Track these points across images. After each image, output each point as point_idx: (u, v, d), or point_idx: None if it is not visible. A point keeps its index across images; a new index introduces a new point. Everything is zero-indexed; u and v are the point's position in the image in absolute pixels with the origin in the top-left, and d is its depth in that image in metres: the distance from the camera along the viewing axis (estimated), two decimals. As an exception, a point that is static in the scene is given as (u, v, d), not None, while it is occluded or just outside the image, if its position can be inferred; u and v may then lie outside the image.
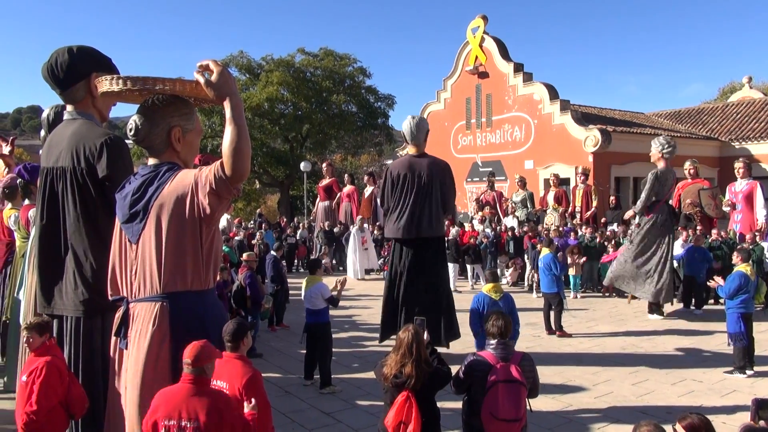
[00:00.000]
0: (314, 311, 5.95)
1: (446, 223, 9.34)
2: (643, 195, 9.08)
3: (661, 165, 9.15)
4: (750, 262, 6.56)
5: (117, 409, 2.80)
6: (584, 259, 10.96)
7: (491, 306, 5.70)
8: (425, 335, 3.59)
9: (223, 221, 13.18)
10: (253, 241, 12.27)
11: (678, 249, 9.81)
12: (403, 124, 7.18)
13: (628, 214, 9.45)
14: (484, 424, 3.47)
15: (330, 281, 6.12)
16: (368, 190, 16.35)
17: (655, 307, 9.21)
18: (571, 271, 10.84)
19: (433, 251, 7.03)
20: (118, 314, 2.74)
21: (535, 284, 11.05)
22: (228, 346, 2.70)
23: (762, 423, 2.87)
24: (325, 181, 16.85)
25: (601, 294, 11.30)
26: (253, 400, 2.69)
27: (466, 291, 11.68)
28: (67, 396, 3.15)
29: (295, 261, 15.20)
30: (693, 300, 9.76)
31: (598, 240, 11.49)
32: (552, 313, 8.11)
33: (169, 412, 2.43)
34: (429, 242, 6.99)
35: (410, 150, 7.16)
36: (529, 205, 14.81)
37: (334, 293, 5.89)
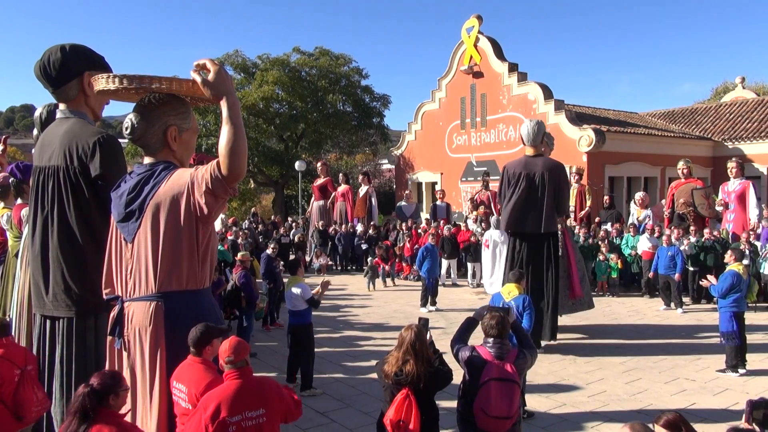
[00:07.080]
0: (296, 312, 5.83)
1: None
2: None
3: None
4: (743, 261, 6.61)
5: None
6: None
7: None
8: (428, 335, 3.59)
9: (218, 224, 13.07)
10: (240, 240, 11.91)
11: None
12: (522, 127, 7.59)
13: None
14: (476, 418, 3.47)
15: (331, 283, 6.09)
16: (363, 190, 16.34)
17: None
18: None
19: (537, 248, 7.23)
20: (113, 313, 2.73)
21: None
22: (191, 351, 2.62)
23: (754, 425, 2.86)
24: (320, 181, 16.84)
25: (594, 293, 11.32)
26: None
27: (465, 287, 11.71)
28: (13, 397, 3.03)
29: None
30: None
31: (590, 241, 11.53)
32: None
33: (233, 410, 2.44)
34: (535, 238, 7.25)
35: (528, 151, 7.54)
36: (523, 205, 14.81)
37: (317, 295, 5.78)
